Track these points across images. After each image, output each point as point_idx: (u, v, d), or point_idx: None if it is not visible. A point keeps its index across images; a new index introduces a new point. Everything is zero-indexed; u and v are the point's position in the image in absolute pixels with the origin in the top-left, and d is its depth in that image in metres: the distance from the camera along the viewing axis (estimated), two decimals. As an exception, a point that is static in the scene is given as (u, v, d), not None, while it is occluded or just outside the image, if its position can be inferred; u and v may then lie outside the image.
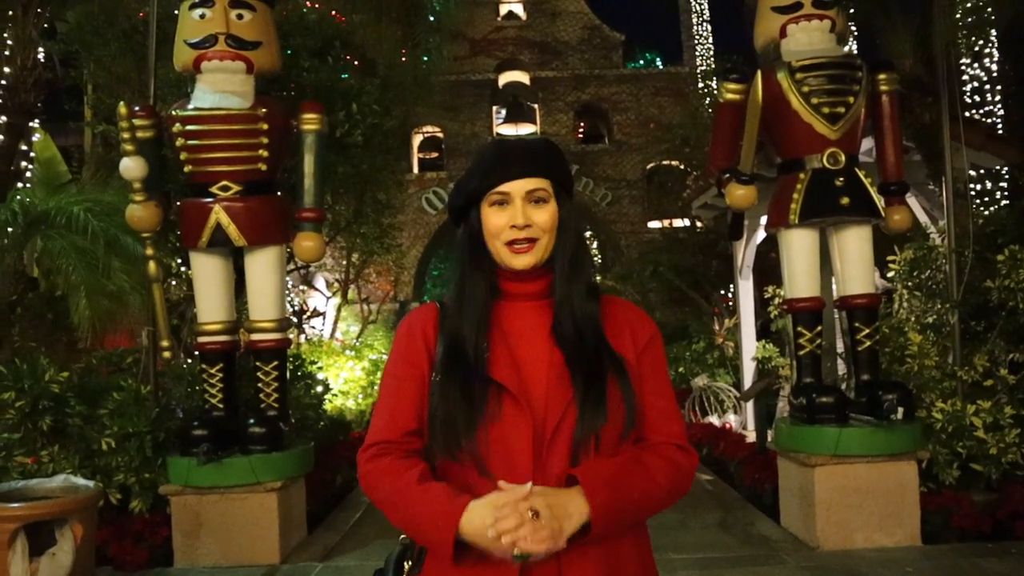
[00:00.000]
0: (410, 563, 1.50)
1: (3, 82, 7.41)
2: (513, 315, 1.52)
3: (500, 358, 1.45)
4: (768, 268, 8.61)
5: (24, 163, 7.90)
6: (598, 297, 1.55)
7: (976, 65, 7.36)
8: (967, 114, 6.34)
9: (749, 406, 8.28)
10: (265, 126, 4.90)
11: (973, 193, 6.58)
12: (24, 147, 7.80)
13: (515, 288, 1.53)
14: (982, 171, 6.92)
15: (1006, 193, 9.60)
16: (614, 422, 1.43)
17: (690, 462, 1.52)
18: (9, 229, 5.68)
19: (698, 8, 19.54)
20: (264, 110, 4.91)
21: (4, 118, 7.41)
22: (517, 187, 1.47)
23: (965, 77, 7.27)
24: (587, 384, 1.42)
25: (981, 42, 7.24)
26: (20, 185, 7.22)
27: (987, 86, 8.27)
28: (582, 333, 1.48)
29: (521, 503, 1.30)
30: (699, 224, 12.16)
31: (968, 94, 7.15)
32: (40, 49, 7.60)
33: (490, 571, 1.37)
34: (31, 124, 7.86)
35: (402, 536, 1.55)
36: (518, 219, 1.46)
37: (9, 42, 7.46)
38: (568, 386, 1.43)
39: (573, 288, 1.50)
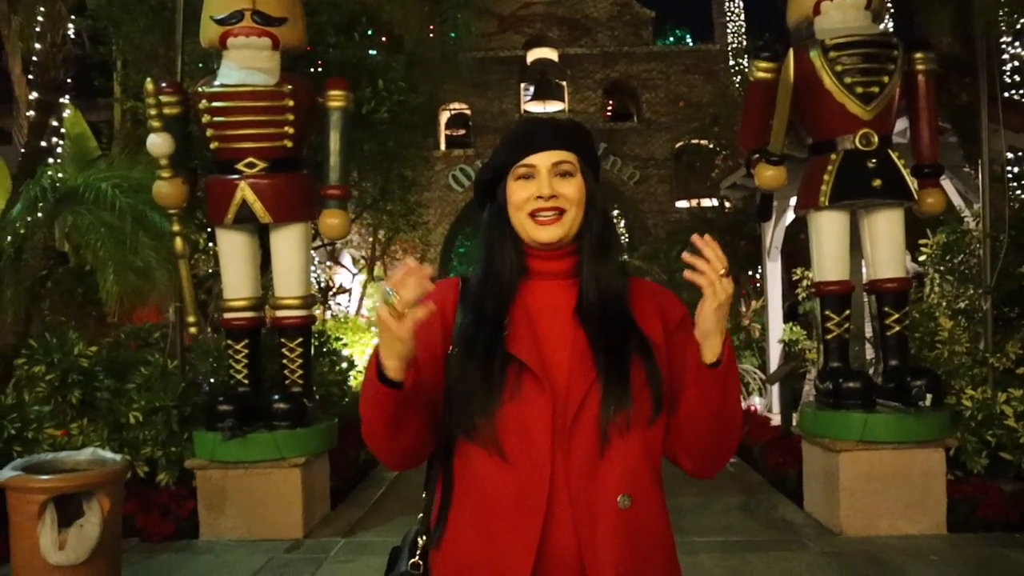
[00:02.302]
0: (424, 539, 1.49)
1: (34, 59, 7.49)
2: (538, 293, 1.49)
3: (522, 335, 1.43)
4: (797, 250, 8.50)
5: (55, 139, 7.98)
6: (626, 277, 1.53)
7: (1017, 44, 7.14)
8: (1006, 95, 6.18)
9: (774, 389, 8.20)
10: (291, 103, 4.90)
11: (1010, 176, 6.41)
12: (55, 123, 7.88)
13: (541, 266, 1.50)
14: (1020, 153, 6.74)
15: (1045, 176, 9.34)
16: (640, 404, 1.41)
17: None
18: (40, 204, 5.75)
19: (730, -16, 19.17)
20: (290, 87, 4.90)
21: (35, 94, 7.49)
22: (543, 159, 1.47)
23: (1005, 56, 7.06)
24: (610, 365, 1.40)
25: (1023, 20, 7.02)
26: (51, 161, 7.29)
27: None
28: (607, 313, 1.45)
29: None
30: (727, 205, 12.02)
31: (1008, 74, 6.95)
32: (70, 25, 7.65)
33: (509, 542, 1.36)
34: (61, 100, 7.93)
35: (420, 515, 1.55)
36: (544, 189, 1.45)
37: (40, 19, 7.52)
38: (591, 366, 1.40)
39: (600, 267, 1.48)
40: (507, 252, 1.50)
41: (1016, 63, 6.82)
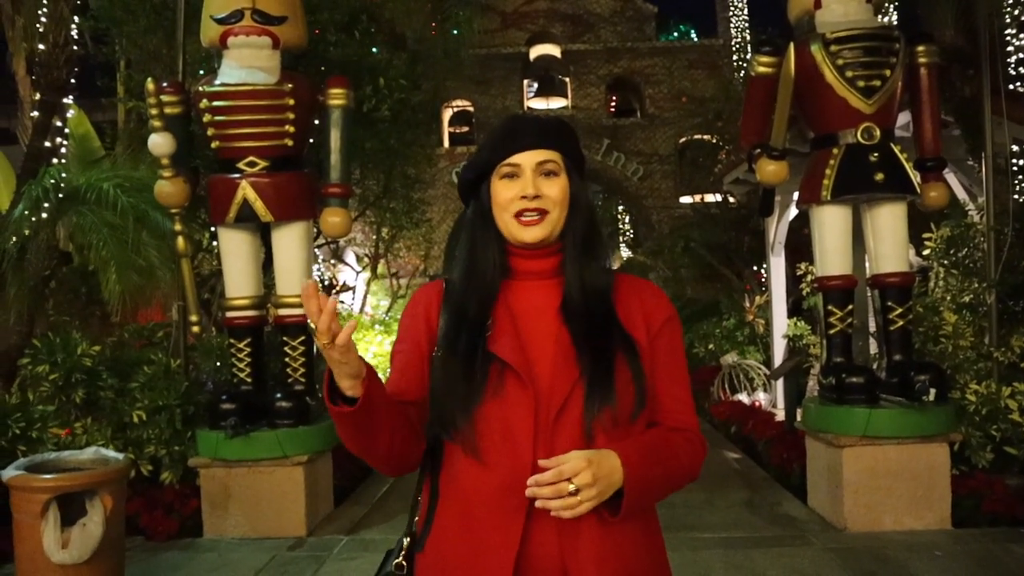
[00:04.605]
0: (409, 540, 1.49)
1: (36, 59, 7.49)
2: (521, 293, 1.49)
3: (504, 335, 1.42)
4: (801, 245, 8.46)
5: (59, 139, 7.98)
6: (610, 276, 1.52)
7: (1021, 36, 7.10)
8: (1010, 87, 6.14)
9: (779, 384, 8.19)
10: (291, 101, 4.90)
11: (1015, 169, 6.38)
12: (59, 123, 7.88)
13: (524, 265, 1.50)
14: (1025, 146, 6.70)
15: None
16: (623, 402, 1.40)
17: (704, 451, 1.52)
18: (46, 205, 5.76)
19: (733, -21, 19.08)
20: (290, 85, 4.90)
21: (38, 95, 7.49)
22: (527, 158, 1.45)
23: (1009, 48, 7.02)
24: (595, 363, 1.39)
25: (1027, 11, 6.99)
26: (56, 161, 7.30)
27: (1033, 57, 7.97)
28: (591, 311, 1.45)
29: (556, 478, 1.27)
30: (731, 200, 11.99)
31: (1012, 66, 6.90)
32: (73, 26, 7.65)
33: (490, 544, 1.35)
34: (65, 101, 7.93)
35: (410, 517, 1.55)
36: (528, 189, 1.44)
37: (42, 19, 7.52)
38: (574, 365, 1.39)
39: (584, 266, 1.47)
40: (490, 252, 1.49)
41: (1020, 55, 6.78)
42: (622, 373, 1.41)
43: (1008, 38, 6.89)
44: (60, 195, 5.75)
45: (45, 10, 7.35)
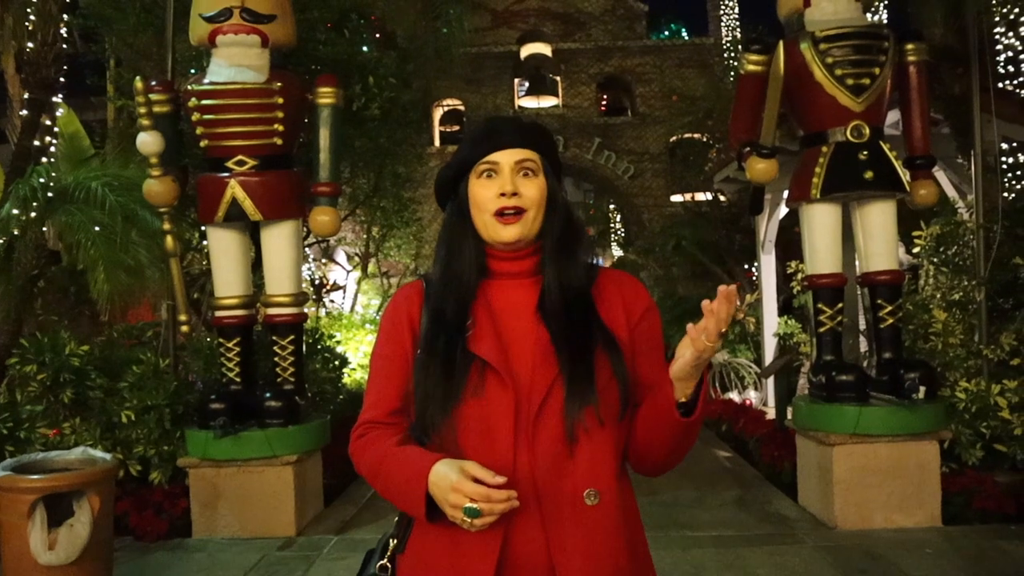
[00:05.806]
0: (395, 541, 1.49)
1: (25, 57, 7.44)
2: (500, 293, 1.49)
3: (484, 334, 1.42)
4: (792, 243, 8.48)
5: (48, 138, 7.93)
6: (593, 271, 1.52)
7: (1011, 34, 7.13)
8: (1000, 85, 6.16)
9: (770, 383, 8.20)
10: (280, 100, 4.88)
11: (1004, 167, 6.41)
12: (48, 122, 7.83)
13: (503, 267, 1.50)
14: (1014, 144, 6.73)
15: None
16: (606, 400, 1.40)
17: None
18: (34, 204, 5.72)
19: (725, -23, 19.09)
20: (279, 84, 4.88)
21: (27, 93, 7.44)
22: (506, 157, 1.46)
23: (999, 47, 7.05)
24: (574, 361, 1.39)
25: (1016, 9, 7.01)
26: (45, 160, 7.25)
27: (1022, 56, 8.02)
28: (570, 309, 1.45)
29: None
30: (722, 198, 12.00)
31: (1001, 64, 6.93)
32: (62, 24, 7.60)
33: (472, 544, 1.34)
34: (54, 99, 7.88)
35: (397, 517, 1.55)
36: (506, 187, 1.44)
37: (31, 17, 7.47)
38: (553, 363, 1.39)
39: (562, 264, 1.48)
40: (468, 252, 1.49)
41: (1009, 53, 6.80)
42: (603, 371, 1.41)
43: (997, 36, 6.92)
44: (49, 194, 5.70)
45: (34, 7, 7.30)
